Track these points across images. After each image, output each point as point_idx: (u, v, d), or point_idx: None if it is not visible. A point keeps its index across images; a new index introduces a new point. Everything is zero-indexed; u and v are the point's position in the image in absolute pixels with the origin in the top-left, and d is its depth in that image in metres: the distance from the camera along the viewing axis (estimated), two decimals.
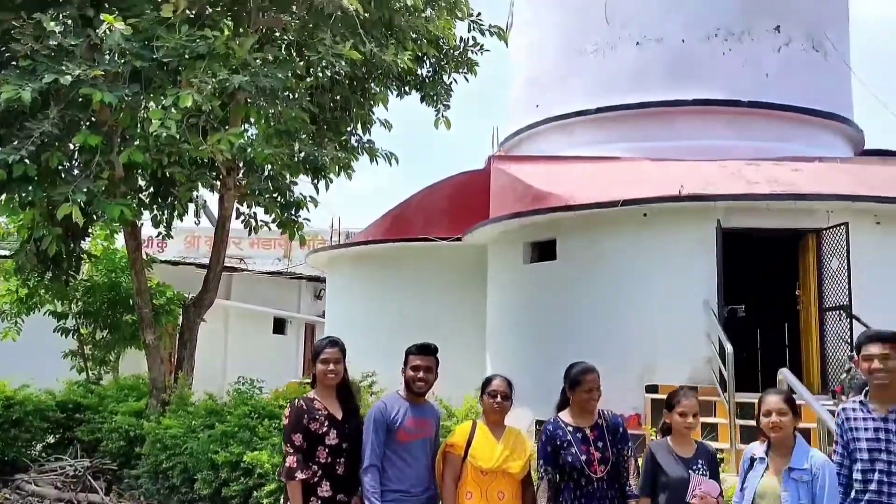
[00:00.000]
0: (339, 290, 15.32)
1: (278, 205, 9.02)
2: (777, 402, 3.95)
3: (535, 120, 14.17)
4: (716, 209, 9.81)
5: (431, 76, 9.85)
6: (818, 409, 5.52)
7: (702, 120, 12.72)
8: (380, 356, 8.44)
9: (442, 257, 13.39)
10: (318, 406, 4.48)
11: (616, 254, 10.36)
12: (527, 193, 11.44)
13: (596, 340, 10.01)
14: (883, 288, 9.56)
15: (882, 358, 3.94)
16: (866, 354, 3.99)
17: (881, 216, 9.88)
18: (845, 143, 13.83)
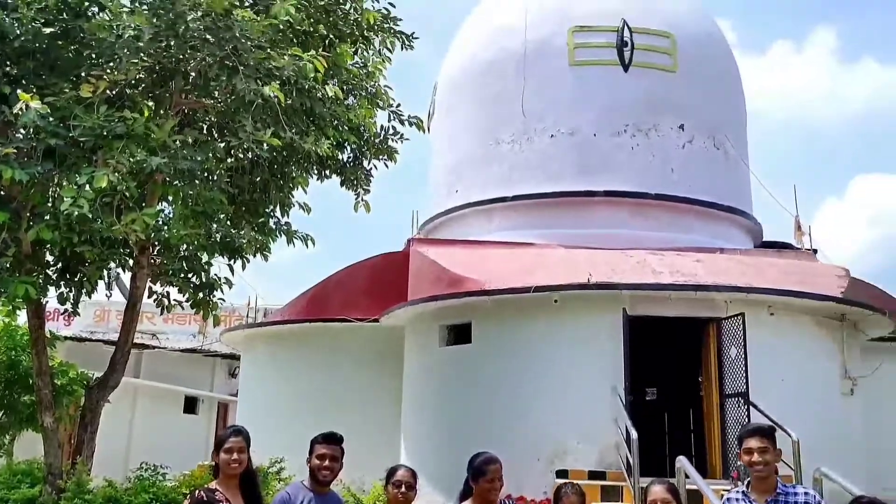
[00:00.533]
0: (254, 369, 15.06)
1: (192, 285, 8.94)
2: (661, 492, 4.13)
3: (454, 204, 14.56)
4: (622, 297, 10.21)
5: (352, 162, 10.07)
6: (711, 498, 5.74)
7: (612, 210, 13.34)
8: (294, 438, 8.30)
9: (359, 338, 13.39)
10: (220, 497, 4.43)
11: (529, 338, 10.59)
12: (444, 277, 11.66)
13: (508, 425, 10.13)
14: (777, 375, 10.05)
15: (760, 451, 4.19)
16: (746, 448, 4.24)
17: (775, 307, 10.45)
18: (745, 235, 14.65)
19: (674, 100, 13.84)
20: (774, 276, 11.12)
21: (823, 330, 10.95)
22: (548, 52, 13.99)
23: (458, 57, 15.59)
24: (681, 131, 13.86)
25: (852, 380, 11.00)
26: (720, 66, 14.95)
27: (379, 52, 9.65)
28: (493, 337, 10.88)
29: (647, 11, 14.15)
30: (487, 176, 14.17)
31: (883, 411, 12.41)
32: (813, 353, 10.72)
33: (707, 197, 13.68)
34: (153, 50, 7.64)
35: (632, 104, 13.70)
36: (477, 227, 13.96)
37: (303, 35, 8.79)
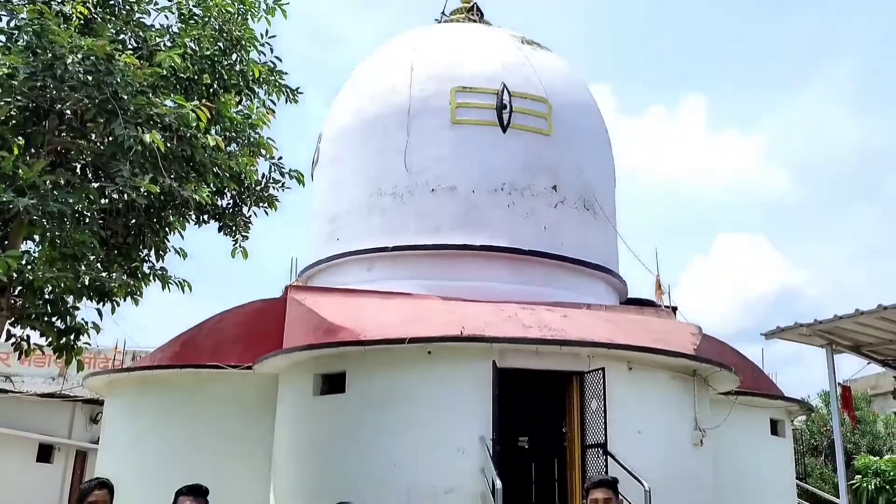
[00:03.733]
0: (118, 415, 14.43)
1: (56, 329, 8.61)
2: None
3: (334, 252, 14.69)
4: (492, 350, 10.59)
5: (231, 208, 10.05)
6: None
7: (488, 264, 13.86)
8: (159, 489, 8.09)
9: (232, 386, 13.13)
10: None
11: (402, 388, 10.76)
12: (320, 325, 11.70)
13: (378, 475, 10.22)
14: (633, 427, 10.65)
15: (604, 502, 4.55)
16: (593, 499, 4.60)
17: (633, 362, 11.12)
18: (611, 292, 15.50)
19: (548, 162, 14.60)
20: (634, 332, 11.83)
21: (677, 384, 11.71)
22: (431, 109, 14.50)
23: (345, 108, 15.88)
24: (553, 192, 14.61)
25: (702, 431, 11.76)
26: (592, 132, 15.92)
27: (263, 104, 9.77)
28: (366, 386, 10.98)
29: (526, 77, 14.94)
30: (369, 226, 14.42)
31: (729, 461, 13.31)
32: (667, 406, 11.42)
33: (577, 255, 14.44)
34: (27, 89, 7.49)
35: (509, 164, 14.36)
36: (356, 276, 14.13)
37: (186, 82, 8.82)
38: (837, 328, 8.50)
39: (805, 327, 8.50)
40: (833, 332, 8.73)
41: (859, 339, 8.92)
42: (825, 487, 18.75)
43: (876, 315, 7.91)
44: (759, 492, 13.60)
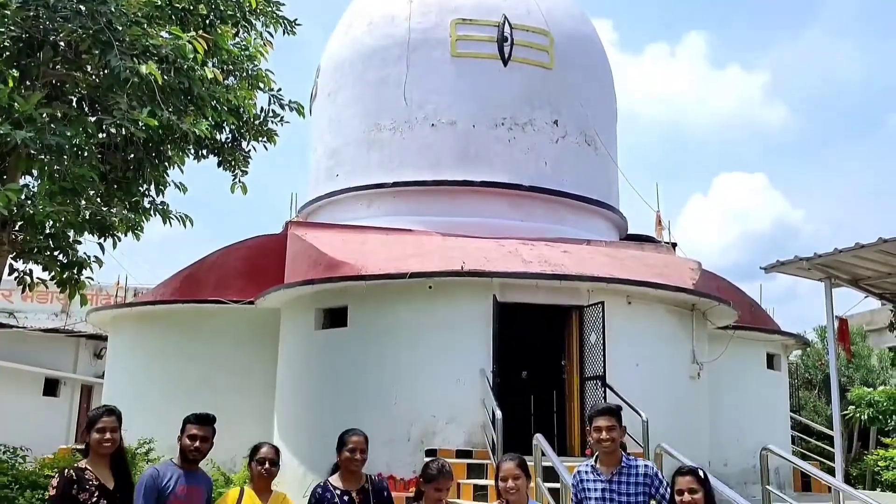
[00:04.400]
0: (122, 350, 14.62)
1: (59, 264, 8.62)
2: (512, 468, 4.49)
3: (334, 188, 14.65)
4: (493, 284, 10.66)
5: (230, 143, 9.95)
6: (563, 473, 6.20)
7: (488, 199, 13.83)
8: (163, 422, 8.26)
9: (234, 320, 13.27)
10: (89, 476, 4.45)
11: (403, 322, 10.87)
12: (321, 261, 11.75)
13: (381, 406, 10.40)
14: (632, 360, 10.78)
15: (608, 429, 4.63)
16: (596, 426, 4.67)
17: (632, 296, 11.20)
18: (611, 228, 15.52)
19: (549, 96, 14.44)
20: (634, 267, 11.88)
21: (675, 318, 11.82)
22: (431, 41, 14.27)
23: (342, 41, 15.62)
24: (555, 126, 14.49)
25: (699, 365, 11.93)
26: (594, 66, 15.69)
27: (261, 36, 9.58)
28: (368, 321, 11.09)
29: (527, 9, 14.66)
30: (368, 161, 14.34)
31: (725, 393, 13.53)
32: (665, 339, 11.55)
33: (577, 191, 14.40)
34: (20, 19, 7.33)
35: (509, 98, 14.20)
36: (356, 212, 14.13)
37: (182, 13, 8.63)
38: (837, 261, 8.53)
39: (805, 261, 8.53)
40: (832, 266, 8.77)
41: (858, 272, 8.96)
42: (818, 419, 19.10)
43: (876, 248, 7.94)
44: (754, 423, 13.85)
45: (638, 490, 4.51)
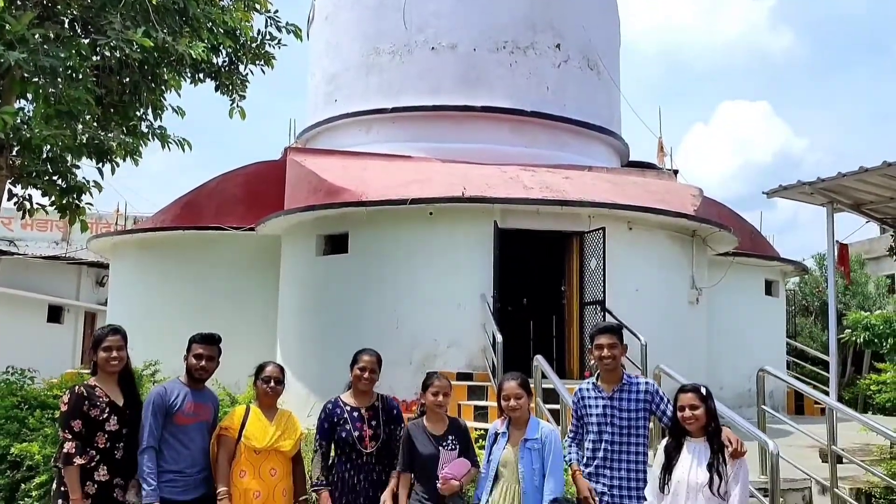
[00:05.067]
0: (124, 277, 14.70)
1: (58, 188, 8.59)
2: (514, 387, 4.56)
3: (333, 114, 14.47)
4: (494, 210, 10.65)
5: (227, 66, 9.78)
6: (563, 393, 6.31)
7: (489, 125, 13.68)
8: (166, 346, 8.37)
9: (235, 247, 13.31)
10: (99, 393, 4.53)
11: (404, 248, 10.90)
12: (321, 187, 11.70)
13: (383, 331, 10.50)
14: (632, 285, 10.86)
15: (609, 347, 4.68)
16: (597, 344, 4.72)
17: (633, 222, 11.20)
18: (613, 155, 15.41)
19: (551, 19, 14.13)
20: (635, 193, 11.84)
21: (676, 244, 11.85)
22: None
23: None
24: (557, 50, 14.22)
25: (698, 290, 12.02)
26: None
27: None
28: (369, 247, 11.12)
29: None
30: (367, 86, 14.13)
31: (723, 319, 13.68)
32: (665, 265, 11.60)
33: (579, 116, 14.24)
34: None
35: (511, 21, 13.90)
36: (355, 138, 13.99)
37: None
38: (840, 186, 8.49)
39: (807, 185, 8.49)
40: (835, 191, 8.73)
41: (861, 196, 8.93)
42: (813, 345, 19.37)
43: (880, 172, 7.89)
44: (751, 348, 14.03)
45: (638, 406, 4.59)
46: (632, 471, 4.52)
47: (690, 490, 4.03)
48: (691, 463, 4.08)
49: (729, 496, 3.97)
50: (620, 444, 4.56)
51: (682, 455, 4.13)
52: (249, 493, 4.62)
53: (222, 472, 4.64)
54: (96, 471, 4.43)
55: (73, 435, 4.37)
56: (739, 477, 3.96)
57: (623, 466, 4.53)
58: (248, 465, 4.66)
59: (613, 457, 4.57)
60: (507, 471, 4.49)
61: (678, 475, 4.08)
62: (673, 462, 4.13)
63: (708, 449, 4.07)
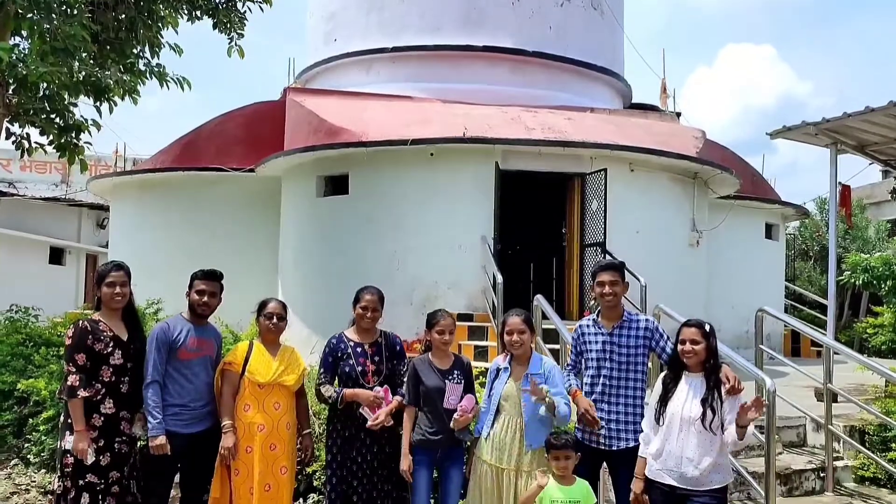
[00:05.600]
0: (124, 219, 14.70)
1: (56, 127, 8.50)
2: (517, 322, 4.60)
3: (332, 54, 14.27)
4: (495, 151, 10.58)
5: (225, 3, 9.61)
6: (563, 331, 6.36)
7: (490, 66, 13.50)
8: (168, 287, 8.39)
9: (235, 188, 13.27)
10: (103, 328, 4.57)
11: (404, 190, 10.87)
12: (321, 127, 11.61)
13: (383, 271, 10.53)
14: (632, 227, 10.85)
15: (611, 284, 4.69)
16: (599, 281, 4.73)
17: (635, 163, 11.14)
18: (615, 96, 15.25)
19: None
20: (637, 135, 11.75)
21: (677, 186, 11.81)
22: None
23: None
24: None
25: (699, 233, 12.03)
26: None
27: None
28: (369, 188, 11.08)
29: None
30: (367, 25, 13.90)
31: (723, 262, 13.73)
32: (666, 207, 11.58)
33: (582, 57, 14.04)
34: None
35: None
36: (355, 78, 13.82)
37: None
38: (844, 126, 8.41)
39: (812, 126, 8.41)
40: (839, 131, 8.66)
41: (865, 138, 8.86)
42: (811, 289, 19.49)
43: (885, 112, 7.81)
44: (750, 291, 14.10)
45: (638, 343, 4.62)
46: (629, 405, 4.58)
47: (683, 423, 4.08)
48: (686, 396, 4.12)
49: (722, 431, 4.02)
50: (619, 379, 4.61)
51: (678, 388, 4.17)
52: (254, 426, 4.70)
53: (226, 405, 4.71)
54: (102, 404, 4.50)
55: (76, 368, 4.42)
56: (735, 413, 4.00)
57: (621, 401, 4.59)
58: (252, 399, 4.73)
59: (611, 392, 4.62)
60: (509, 404, 4.56)
61: (673, 408, 4.13)
62: (669, 394, 4.18)
63: (704, 384, 4.11)
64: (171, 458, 4.61)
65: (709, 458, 4.02)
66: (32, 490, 6.48)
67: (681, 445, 4.07)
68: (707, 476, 4.03)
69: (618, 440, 4.55)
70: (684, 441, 4.07)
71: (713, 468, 4.04)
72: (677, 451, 4.08)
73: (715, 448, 4.04)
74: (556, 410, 4.35)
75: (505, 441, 4.49)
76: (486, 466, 4.53)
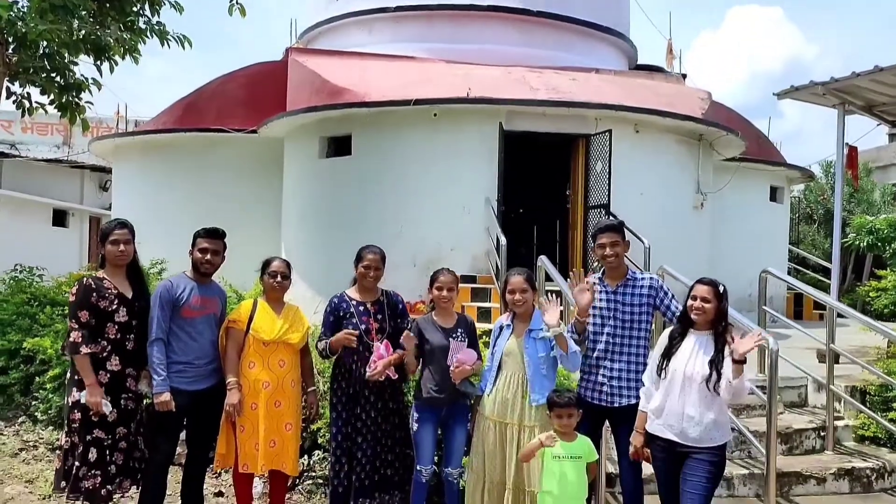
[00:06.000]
0: (126, 181, 14.67)
1: (56, 86, 8.44)
2: (520, 281, 4.60)
3: (334, 14, 14.10)
4: (499, 112, 10.49)
5: None
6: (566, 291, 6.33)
7: (493, 26, 13.33)
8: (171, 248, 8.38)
9: (237, 149, 13.21)
10: (108, 285, 4.57)
11: (407, 151, 10.80)
12: (324, 88, 11.51)
13: (386, 233, 10.49)
14: (637, 189, 10.79)
15: (612, 245, 4.67)
16: (599, 244, 4.71)
17: (640, 125, 11.05)
18: (621, 57, 15.07)
19: None
20: (643, 96, 11.63)
21: (683, 148, 11.72)
22: None
23: None
24: None
25: (703, 195, 11.97)
26: None
27: None
28: (372, 149, 11.01)
29: None
30: None
31: (727, 224, 13.68)
32: (671, 169, 11.51)
33: (587, 17, 13.86)
34: None
35: None
36: (357, 39, 13.66)
37: None
38: (853, 86, 8.32)
39: (820, 86, 8.33)
40: (847, 91, 8.57)
41: (873, 98, 8.77)
42: (814, 252, 19.46)
43: (894, 72, 7.72)
44: (753, 254, 14.04)
45: (642, 301, 4.62)
46: (632, 363, 4.58)
47: (686, 380, 4.08)
48: (691, 353, 4.12)
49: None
50: (622, 337, 4.61)
51: (683, 344, 4.17)
52: (259, 383, 4.73)
53: (231, 363, 4.74)
54: (108, 361, 4.51)
55: (79, 325, 4.43)
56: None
57: (623, 359, 4.59)
58: (257, 356, 4.76)
59: (614, 349, 4.62)
60: (511, 360, 4.58)
61: (676, 363, 4.13)
62: (674, 349, 4.17)
63: (711, 343, 4.09)
64: (177, 414, 4.65)
65: (710, 414, 4.04)
66: (41, 446, 6.55)
67: (682, 402, 4.08)
68: (707, 433, 4.05)
69: (620, 397, 4.57)
70: (685, 398, 4.08)
71: (713, 426, 4.05)
72: (678, 409, 4.09)
73: (715, 406, 4.05)
74: (568, 346, 4.34)
75: (507, 397, 4.52)
76: (490, 422, 4.56)
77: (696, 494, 4.00)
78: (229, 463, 4.85)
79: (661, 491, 4.28)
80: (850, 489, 5.90)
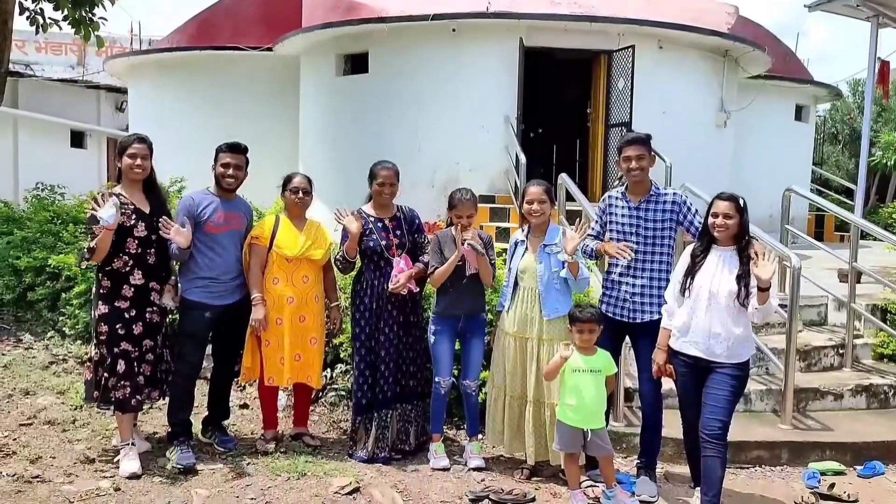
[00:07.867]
0: (142, 101, 14.58)
1: (69, 0, 8.31)
2: (538, 192, 4.55)
3: None
4: (519, 27, 10.23)
5: None
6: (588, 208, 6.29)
7: None
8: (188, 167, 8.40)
9: (253, 67, 13.05)
10: (125, 200, 4.56)
11: (425, 67, 10.61)
12: (339, 4, 11.25)
13: (404, 151, 10.39)
14: (659, 107, 10.57)
15: (637, 158, 4.58)
16: (625, 156, 4.62)
17: (664, 40, 10.75)
18: None
19: None
20: (668, 11, 11.24)
21: (707, 65, 11.43)
22: None
23: None
24: None
25: (727, 113, 11.73)
26: None
27: None
28: (390, 66, 10.83)
29: None
30: None
31: (750, 143, 13.45)
32: (694, 86, 11.25)
33: None
34: None
35: None
36: None
37: None
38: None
39: None
40: (882, 2, 8.26)
41: None
42: (838, 173, 19.16)
43: None
44: (776, 174, 13.85)
45: (665, 217, 4.56)
46: (654, 279, 4.55)
47: (712, 297, 4.05)
48: (715, 270, 4.08)
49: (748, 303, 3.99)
50: (645, 252, 4.58)
51: (707, 261, 4.13)
52: (283, 298, 4.78)
53: (255, 278, 4.77)
54: (132, 275, 4.53)
55: (93, 236, 4.42)
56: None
57: (646, 275, 4.56)
58: (281, 272, 4.79)
59: (637, 265, 4.57)
60: (527, 275, 4.59)
61: (701, 280, 4.10)
62: (697, 267, 4.14)
63: (735, 258, 4.05)
64: (203, 328, 4.72)
65: (736, 330, 4.02)
66: (70, 360, 6.71)
67: (708, 320, 4.05)
68: (734, 349, 4.04)
69: (642, 313, 4.56)
70: (711, 316, 4.05)
71: (740, 342, 4.04)
72: (705, 326, 4.06)
73: (742, 321, 4.04)
74: (579, 273, 4.35)
75: (525, 312, 4.56)
76: (509, 337, 4.61)
77: (719, 408, 4.03)
78: (255, 376, 4.94)
79: (682, 406, 4.31)
80: (868, 405, 5.94)
